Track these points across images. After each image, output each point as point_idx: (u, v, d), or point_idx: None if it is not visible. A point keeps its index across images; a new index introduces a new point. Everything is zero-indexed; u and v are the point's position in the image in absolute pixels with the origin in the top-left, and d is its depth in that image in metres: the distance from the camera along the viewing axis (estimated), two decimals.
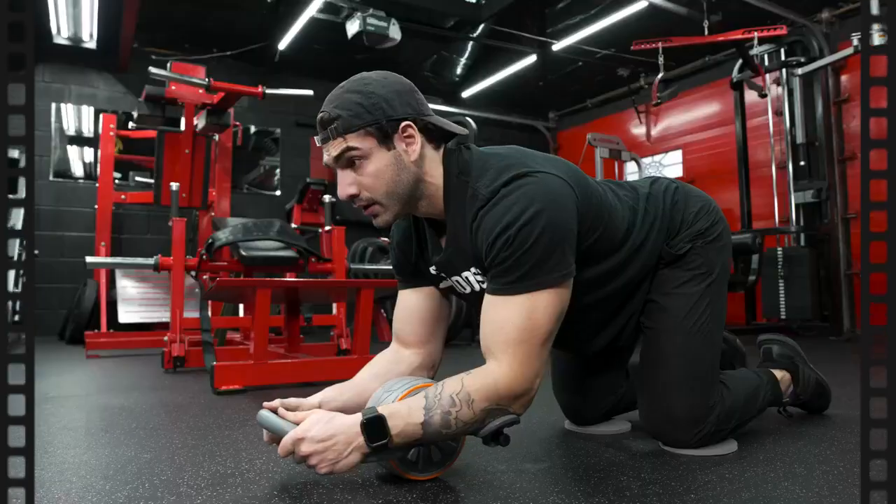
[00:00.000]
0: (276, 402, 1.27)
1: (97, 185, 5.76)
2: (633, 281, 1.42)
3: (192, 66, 4.59)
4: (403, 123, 1.21)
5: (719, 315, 1.45)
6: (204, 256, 3.49)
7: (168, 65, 4.36)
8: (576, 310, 1.28)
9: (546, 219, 1.14)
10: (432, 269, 1.37)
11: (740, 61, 5.82)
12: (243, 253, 3.50)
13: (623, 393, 1.66)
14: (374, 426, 1.09)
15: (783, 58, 5.66)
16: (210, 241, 3.52)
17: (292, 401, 1.29)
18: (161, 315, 4.95)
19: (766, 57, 5.75)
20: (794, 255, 5.12)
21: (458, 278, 1.33)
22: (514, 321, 1.15)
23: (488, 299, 1.20)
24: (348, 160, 1.21)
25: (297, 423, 1.16)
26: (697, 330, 1.40)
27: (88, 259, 3.58)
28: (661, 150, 7.47)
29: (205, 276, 3.63)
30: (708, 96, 6.95)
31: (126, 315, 4.87)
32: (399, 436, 1.10)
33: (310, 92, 4.26)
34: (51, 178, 6.20)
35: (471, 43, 6.77)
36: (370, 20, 5.12)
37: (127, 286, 5.05)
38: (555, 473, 1.27)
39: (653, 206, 1.45)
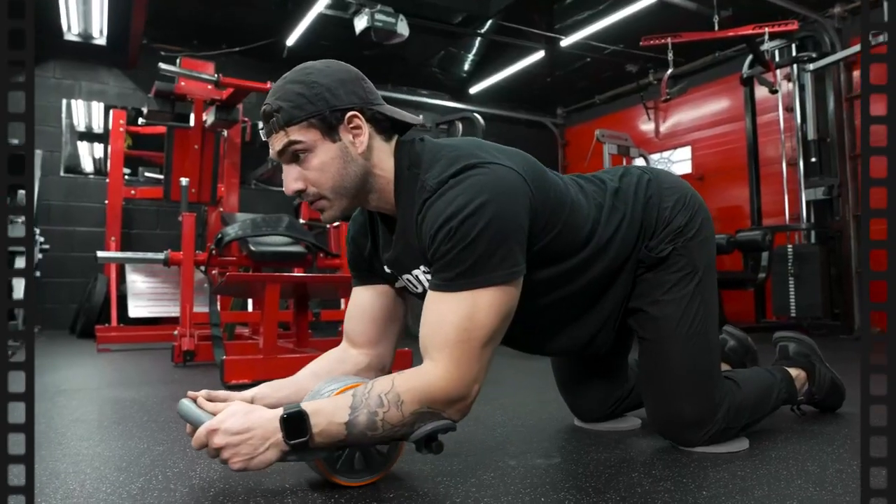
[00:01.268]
0: (203, 393, 1.18)
1: (107, 180, 5.79)
2: (597, 282, 1.35)
3: (201, 62, 4.59)
4: (349, 114, 1.15)
5: (712, 311, 1.41)
6: (213, 251, 3.50)
7: (177, 61, 4.37)
8: (530, 311, 1.24)
9: (492, 211, 1.07)
10: (386, 268, 1.31)
11: (750, 57, 5.78)
12: (252, 248, 3.51)
13: (630, 389, 1.65)
14: (295, 422, 1.02)
15: (794, 53, 5.62)
16: (219, 236, 3.53)
17: (222, 393, 1.21)
18: (170, 310, 4.97)
19: (776, 52, 5.71)
20: (805, 253, 5.10)
21: (409, 276, 1.27)
22: (452, 320, 1.08)
23: (429, 296, 1.14)
24: (292, 154, 1.16)
25: (216, 415, 1.08)
26: (693, 334, 1.36)
27: (100, 254, 3.61)
28: (669, 146, 7.44)
29: (214, 272, 3.65)
30: (717, 92, 6.91)
31: (136, 310, 4.90)
32: (321, 435, 1.04)
33: None
34: (62, 173, 6.23)
35: (478, 39, 6.76)
36: (378, 16, 5.12)
37: (136, 281, 5.07)
38: (566, 469, 1.27)
39: (622, 202, 1.38)
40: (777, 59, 5.69)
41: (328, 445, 1.06)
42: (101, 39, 6.16)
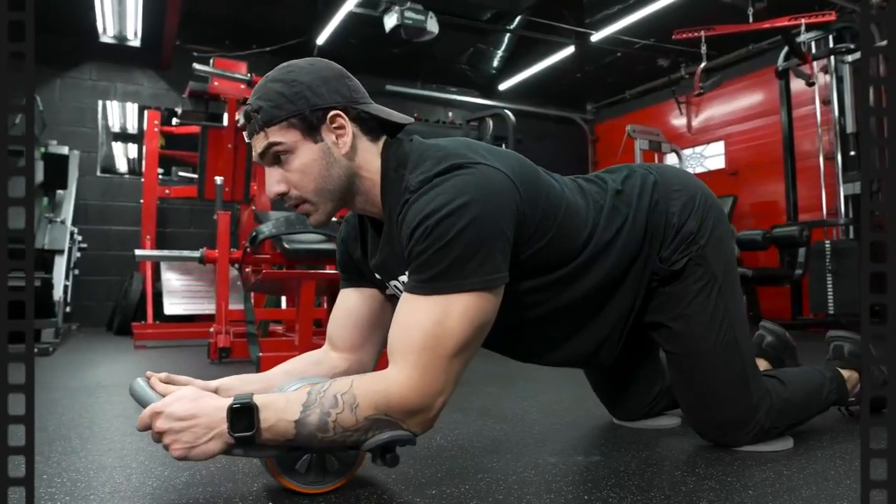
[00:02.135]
0: (162, 375, 1.13)
1: (142, 180, 5.90)
2: (597, 290, 1.27)
3: (234, 62, 4.66)
4: (332, 113, 1.10)
5: (738, 315, 1.35)
6: (248, 249, 3.54)
7: (211, 61, 4.43)
8: (525, 322, 1.20)
9: (474, 213, 1.01)
10: (377, 274, 1.26)
11: (786, 49, 5.67)
12: (286, 246, 3.53)
13: (668, 386, 1.62)
14: (242, 414, 0.96)
15: (831, 45, 5.49)
16: (254, 233, 3.57)
17: (183, 378, 1.16)
18: (204, 307, 5.04)
19: (813, 44, 5.59)
20: (843, 248, 4.98)
21: (395, 283, 1.21)
22: (422, 324, 1.01)
23: (402, 298, 1.08)
24: (273, 156, 1.11)
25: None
26: (722, 344, 1.31)
27: (138, 252, 3.69)
28: (702, 141, 7.33)
29: (247, 269, 3.69)
30: (751, 86, 6.79)
31: (171, 307, 4.98)
32: (269, 431, 0.97)
33: None
34: (98, 173, 6.37)
35: (507, 35, 6.73)
36: (408, 13, 5.13)
37: (171, 279, 5.16)
38: (608, 467, 1.25)
39: (624, 205, 1.30)
40: (814, 50, 5.56)
41: (277, 443, 1.00)
42: (135, 41, 6.28)
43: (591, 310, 1.30)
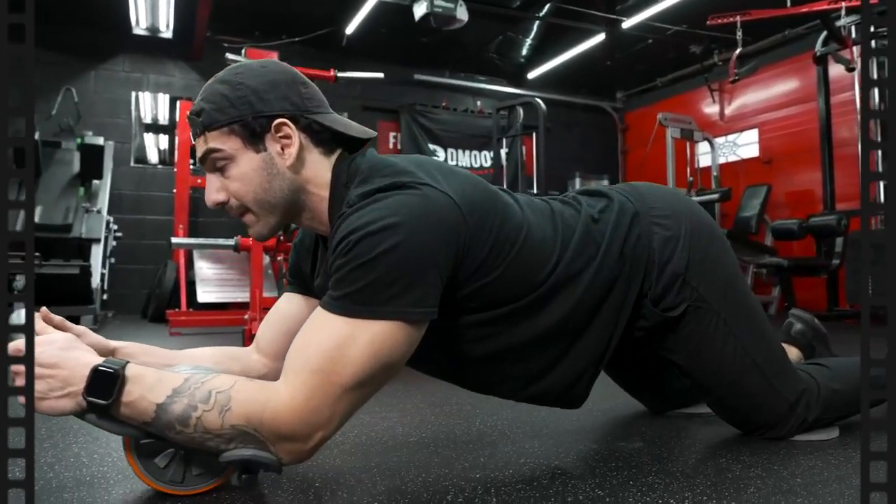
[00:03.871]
0: (57, 319, 1.04)
1: (174, 170, 5.99)
2: (560, 327, 1.13)
3: (266, 51, 4.67)
4: (277, 121, 1.02)
5: (750, 333, 1.27)
6: (281, 238, 3.58)
7: (243, 51, 4.45)
8: (462, 358, 1.12)
9: (402, 235, 0.91)
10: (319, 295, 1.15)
11: (824, 33, 5.51)
12: None
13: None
14: (105, 379, 0.86)
15: (873, 29, 5.34)
16: None
17: (80, 328, 1.05)
18: (236, 295, 5.11)
19: (853, 28, 5.44)
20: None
21: None
22: (321, 344, 0.91)
23: (314, 311, 0.98)
24: (213, 162, 1.04)
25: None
26: (738, 370, 1.25)
27: (174, 240, 3.76)
28: (735, 129, 7.21)
29: (279, 257, 3.73)
30: (787, 72, 6.64)
31: (204, 295, 5.05)
32: (129, 406, 0.87)
33: (380, 74, 4.31)
34: (132, 163, 6.48)
35: (537, 22, 6.67)
36: (437, 1, 5.10)
37: (203, 267, 5.23)
38: (651, 453, 1.24)
39: (598, 234, 1.18)
40: (854, 35, 5.42)
41: (135, 423, 0.90)
42: (167, 33, 6.37)
43: (557, 348, 1.16)
